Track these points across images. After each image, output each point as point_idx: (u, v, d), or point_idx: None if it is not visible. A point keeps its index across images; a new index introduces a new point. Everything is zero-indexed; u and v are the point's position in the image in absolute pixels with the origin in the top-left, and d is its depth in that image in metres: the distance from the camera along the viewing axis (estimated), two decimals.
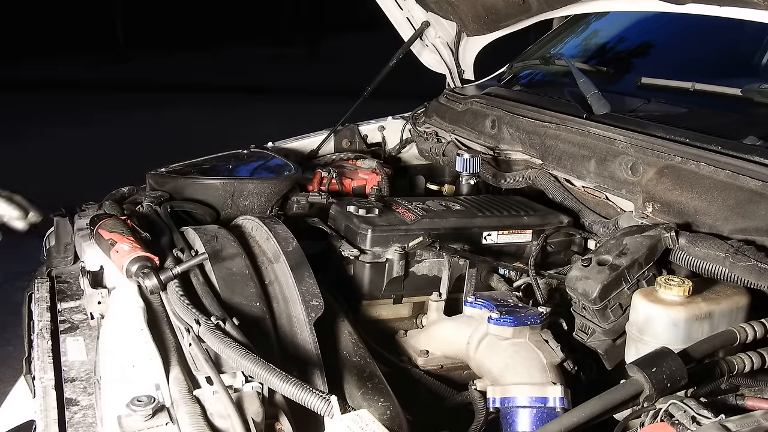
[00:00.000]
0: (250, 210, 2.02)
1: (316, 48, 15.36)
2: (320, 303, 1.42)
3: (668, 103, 2.11)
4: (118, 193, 2.14)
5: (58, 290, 1.68)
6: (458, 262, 1.73)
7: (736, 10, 1.73)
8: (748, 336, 1.24)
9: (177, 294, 1.34)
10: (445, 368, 1.66)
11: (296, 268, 1.49)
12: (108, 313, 1.44)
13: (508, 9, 2.39)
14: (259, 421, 1.09)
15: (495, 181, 2.19)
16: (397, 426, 1.25)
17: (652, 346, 1.25)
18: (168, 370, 1.17)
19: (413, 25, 2.77)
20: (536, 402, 1.39)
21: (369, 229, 1.73)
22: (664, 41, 2.61)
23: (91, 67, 13.19)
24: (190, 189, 2.03)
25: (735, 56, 2.49)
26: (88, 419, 1.22)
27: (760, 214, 1.45)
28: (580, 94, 2.11)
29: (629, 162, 1.79)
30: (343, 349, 1.44)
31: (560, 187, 1.98)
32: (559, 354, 1.47)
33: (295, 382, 1.05)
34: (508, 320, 1.50)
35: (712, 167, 1.60)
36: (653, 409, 1.11)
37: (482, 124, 2.40)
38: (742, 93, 1.99)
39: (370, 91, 2.75)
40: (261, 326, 1.37)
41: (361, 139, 2.76)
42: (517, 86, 2.67)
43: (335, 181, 2.35)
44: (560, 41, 2.78)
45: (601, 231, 1.80)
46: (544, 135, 2.10)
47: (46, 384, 1.33)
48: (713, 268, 1.41)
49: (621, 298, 1.46)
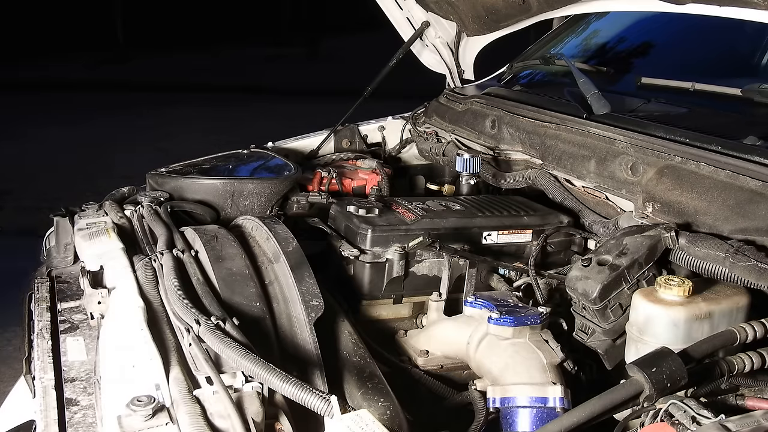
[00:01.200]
0: (250, 210, 2.02)
1: (315, 48, 15.37)
2: (320, 303, 1.42)
3: (668, 103, 2.11)
4: (118, 193, 2.14)
5: (58, 290, 1.68)
6: (458, 262, 1.73)
7: (736, 10, 1.73)
8: (748, 336, 1.24)
9: (177, 294, 1.34)
10: (445, 368, 1.66)
11: (296, 268, 1.49)
12: (108, 313, 1.44)
13: (508, 9, 2.39)
14: (259, 421, 1.09)
15: (495, 181, 2.19)
16: (397, 426, 1.25)
17: (652, 346, 1.25)
18: (168, 370, 1.17)
19: (413, 25, 2.77)
20: (536, 402, 1.39)
21: (369, 229, 1.73)
22: (664, 41, 2.61)
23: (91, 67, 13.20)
24: (190, 189, 2.03)
25: (735, 56, 2.49)
26: (88, 419, 1.22)
27: (760, 214, 1.45)
28: (580, 94, 2.11)
29: (629, 162, 1.79)
30: (343, 349, 1.44)
31: (560, 187, 1.98)
32: (559, 354, 1.47)
33: (295, 382, 1.05)
34: (508, 320, 1.50)
35: (712, 167, 1.60)
36: (653, 409, 1.11)
37: (482, 124, 2.40)
38: (742, 93, 1.99)
39: (370, 91, 2.75)
40: (261, 326, 1.37)
41: (361, 139, 2.77)
42: (517, 86, 2.67)
43: (335, 181, 2.35)
44: (560, 41, 2.78)
45: (601, 231, 1.80)
46: (544, 135, 2.10)
47: (46, 384, 1.33)
48: (713, 268, 1.41)
49: (621, 298, 1.46)
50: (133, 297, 1.42)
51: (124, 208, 1.96)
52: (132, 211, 1.93)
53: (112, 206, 1.95)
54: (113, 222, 1.85)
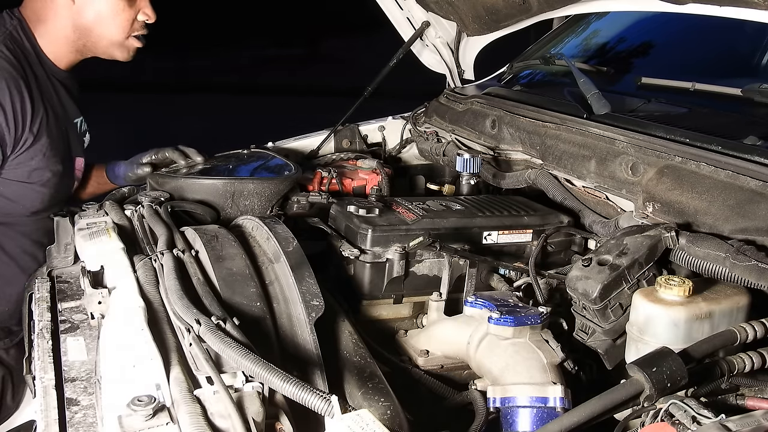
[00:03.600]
0: (251, 210, 2.02)
1: (316, 48, 15.35)
2: (320, 303, 1.42)
3: (668, 103, 2.11)
4: (118, 193, 2.14)
5: (58, 290, 1.68)
6: (458, 262, 1.73)
7: (736, 10, 1.73)
8: (748, 336, 1.24)
9: (177, 294, 1.34)
10: (445, 368, 1.66)
11: (296, 268, 1.49)
12: (108, 313, 1.44)
13: (508, 9, 2.39)
14: (260, 421, 1.09)
15: (495, 181, 2.19)
16: (398, 426, 1.25)
17: (653, 346, 1.25)
18: (168, 370, 1.17)
19: (413, 25, 2.77)
20: (536, 402, 1.39)
21: (369, 229, 1.73)
22: (664, 41, 2.61)
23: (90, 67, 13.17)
24: (191, 189, 2.03)
25: (735, 56, 2.49)
26: (89, 419, 1.22)
27: (760, 214, 1.45)
28: (580, 94, 2.11)
29: (629, 162, 1.79)
30: (343, 349, 1.44)
31: (560, 187, 1.98)
32: (559, 354, 1.47)
33: (295, 382, 1.05)
34: (508, 320, 1.50)
35: (713, 167, 1.60)
36: (653, 409, 1.11)
37: (482, 124, 2.40)
38: (742, 93, 1.99)
39: (370, 91, 2.75)
40: (261, 326, 1.36)
41: (361, 139, 2.77)
42: (517, 86, 2.67)
43: (335, 181, 2.35)
44: (560, 41, 2.79)
45: (601, 231, 1.80)
46: (545, 135, 2.10)
47: (47, 384, 1.33)
48: (713, 268, 1.41)
49: (621, 298, 1.46)
50: (134, 297, 1.42)
51: (124, 208, 1.96)
52: (132, 211, 1.93)
53: (113, 206, 1.95)
54: (113, 222, 1.85)
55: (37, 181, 2.02)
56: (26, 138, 1.95)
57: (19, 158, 1.97)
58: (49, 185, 2.05)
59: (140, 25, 2.19)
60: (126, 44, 2.20)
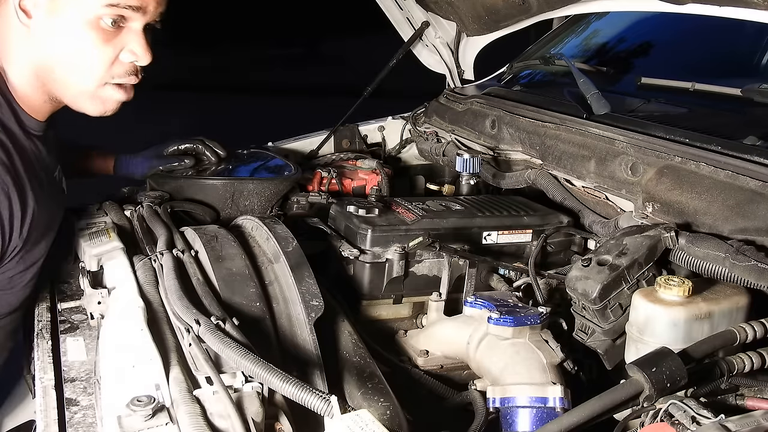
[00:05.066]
0: (251, 210, 2.02)
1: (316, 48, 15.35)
2: (320, 303, 1.42)
3: (668, 103, 2.11)
4: (118, 193, 2.14)
5: (58, 290, 1.68)
6: (458, 262, 1.73)
7: (736, 10, 1.73)
8: (748, 336, 1.24)
9: (177, 294, 1.34)
10: (445, 368, 1.66)
11: (296, 268, 1.49)
12: (108, 313, 1.44)
13: (508, 9, 2.39)
14: (259, 421, 1.09)
15: (495, 181, 2.19)
16: (397, 426, 1.25)
17: (652, 346, 1.25)
18: (168, 370, 1.17)
19: (413, 25, 2.77)
20: (536, 402, 1.39)
21: (369, 229, 1.73)
22: (664, 41, 2.61)
23: None
24: (190, 189, 2.03)
25: (735, 56, 2.49)
26: (88, 419, 1.22)
27: (760, 214, 1.45)
28: (580, 94, 2.11)
29: (629, 162, 1.79)
30: (343, 349, 1.44)
31: (560, 187, 1.98)
32: (559, 354, 1.47)
33: (295, 382, 1.05)
34: (508, 320, 1.50)
35: (712, 167, 1.60)
36: (653, 409, 1.11)
37: (482, 124, 2.40)
38: (742, 93, 1.99)
39: (370, 91, 2.75)
40: (261, 326, 1.36)
41: (361, 139, 2.77)
42: (517, 86, 2.67)
43: (335, 181, 2.35)
44: (560, 41, 2.79)
45: (601, 231, 1.80)
46: (544, 135, 2.10)
47: (46, 384, 1.33)
48: (713, 268, 1.41)
49: (621, 298, 1.46)
50: (133, 297, 1.42)
51: (124, 208, 1.96)
52: (132, 211, 1.93)
53: (112, 206, 1.95)
54: (113, 222, 1.86)
55: (19, 284, 1.58)
56: (15, 246, 1.48)
57: (4, 268, 1.52)
58: (30, 285, 1.61)
59: (125, 69, 1.53)
60: (99, 95, 1.54)
